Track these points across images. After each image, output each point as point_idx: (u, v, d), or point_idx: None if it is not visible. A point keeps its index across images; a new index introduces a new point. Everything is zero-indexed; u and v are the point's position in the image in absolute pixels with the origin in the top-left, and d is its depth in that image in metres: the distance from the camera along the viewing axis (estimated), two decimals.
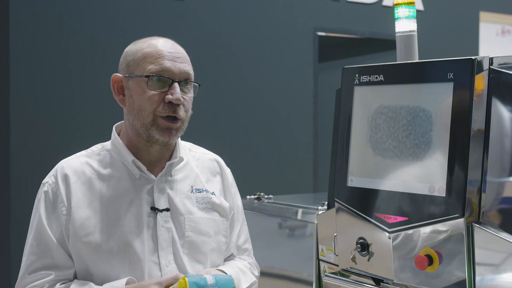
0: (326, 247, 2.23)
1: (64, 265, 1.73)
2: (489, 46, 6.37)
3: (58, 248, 1.72)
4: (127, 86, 1.78)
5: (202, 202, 1.85)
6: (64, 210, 1.73)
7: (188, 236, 1.80)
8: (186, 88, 1.78)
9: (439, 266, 1.82)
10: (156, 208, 1.77)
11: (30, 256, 1.74)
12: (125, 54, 1.82)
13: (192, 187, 1.85)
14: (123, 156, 1.79)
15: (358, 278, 2.05)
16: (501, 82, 1.78)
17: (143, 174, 1.79)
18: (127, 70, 1.79)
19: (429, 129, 1.86)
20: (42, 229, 1.74)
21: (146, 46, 1.78)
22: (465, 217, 1.76)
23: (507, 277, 1.73)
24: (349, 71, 2.10)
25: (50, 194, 1.76)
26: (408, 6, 2.15)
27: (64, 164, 1.79)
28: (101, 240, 1.71)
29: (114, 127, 1.88)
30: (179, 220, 1.80)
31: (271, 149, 4.91)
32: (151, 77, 1.73)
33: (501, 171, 1.79)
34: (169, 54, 1.77)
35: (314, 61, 5.22)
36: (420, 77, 1.93)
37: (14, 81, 4.02)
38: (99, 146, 1.86)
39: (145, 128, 1.74)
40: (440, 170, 1.82)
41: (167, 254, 1.76)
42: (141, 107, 1.74)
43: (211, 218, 1.85)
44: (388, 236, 1.93)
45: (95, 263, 1.71)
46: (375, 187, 1.98)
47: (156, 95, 1.73)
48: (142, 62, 1.75)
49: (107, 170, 1.79)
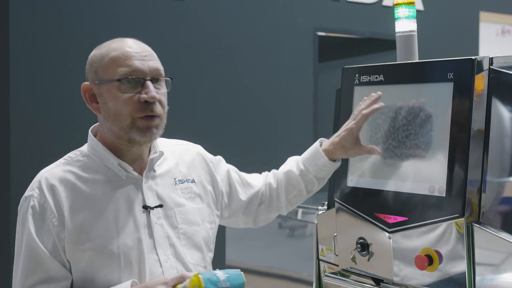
0: (326, 247, 2.23)
1: (60, 276, 1.71)
2: (489, 46, 6.37)
3: (51, 260, 1.70)
4: (99, 93, 1.75)
5: (186, 192, 1.86)
6: (56, 221, 1.70)
7: (182, 228, 1.81)
8: (158, 84, 1.76)
9: (439, 266, 1.82)
10: (148, 206, 1.77)
11: (24, 273, 1.72)
12: (90, 61, 1.79)
13: (175, 179, 1.86)
14: (106, 159, 1.77)
15: (358, 278, 2.05)
16: (501, 82, 1.78)
17: (129, 174, 1.78)
18: (96, 77, 1.76)
19: (429, 129, 1.86)
20: (33, 243, 1.71)
21: (112, 50, 1.75)
22: (465, 217, 1.76)
23: (507, 277, 1.73)
24: (349, 71, 2.10)
25: (37, 207, 1.71)
26: (408, 6, 2.15)
27: (47, 175, 1.75)
28: (101, 244, 1.70)
29: (90, 131, 1.85)
30: (170, 214, 1.80)
31: (271, 149, 4.90)
32: (122, 81, 1.71)
33: (501, 171, 1.79)
34: (136, 54, 1.74)
35: (314, 61, 5.22)
36: (420, 77, 1.93)
37: (14, 81, 4.02)
38: (76, 153, 1.82)
39: (124, 131, 1.73)
40: (440, 170, 1.82)
41: (165, 250, 1.76)
42: (117, 111, 1.72)
43: (196, 207, 1.87)
44: (388, 236, 1.93)
45: (96, 268, 1.70)
46: (375, 187, 1.98)
47: (131, 97, 1.71)
48: (110, 66, 1.73)
49: (91, 175, 1.76)
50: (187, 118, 4.52)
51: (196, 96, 4.58)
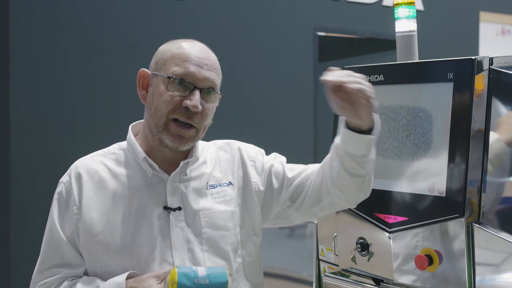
0: (326, 247, 2.23)
1: (75, 263, 1.74)
2: (489, 46, 6.37)
3: (68, 247, 1.74)
4: (151, 83, 1.75)
5: (218, 197, 1.81)
6: (76, 209, 1.73)
7: (206, 233, 1.76)
8: (208, 97, 1.73)
9: (439, 266, 1.82)
10: (169, 207, 1.75)
11: (43, 255, 1.77)
12: (157, 51, 1.79)
13: (207, 183, 1.81)
14: (136, 154, 1.77)
15: (358, 278, 2.05)
16: (501, 82, 1.78)
17: (156, 173, 1.76)
18: (154, 68, 1.75)
19: (429, 129, 1.86)
20: (54, 228, 1.75)
21: (177, 48, 1.74)
22: (465, 217, 1.76)
23: (507, 277, 1.73)
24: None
25: (64, 193, 1.76)
26: (408, 6, 2.15)
27: (79, 163, 1.79)
28: (111, 239, 1.71)
29: (131, 126, 1.85)
30: (194, 218, 1.76)
31: (271, 149, 4.90)
32: (173, 79, 1.70)
33: (501, 171, 1.79)
34: (197, 59, 1.72)
35: (314, 61, 5.22)
36: (420, 77, 1.93)
37: (14, 81, 4.02)
38: (116, 146, 1.84)
39: (157, 130, 1.72)
40: (440, 170, 1.82)
41: (181, 254, 1.73)
42: (157, 107, 1.71)
43: (228, 210, 1.80)
44: (388, 236, 1.93)
45: (105, 262, 1.71)
46: (375, 187, 1.98)
47: (174, 97, 1.69)
48: (168, 62, 1.72)
49: (121, 169, 1.77)
50: None
51: None
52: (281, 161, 1.91)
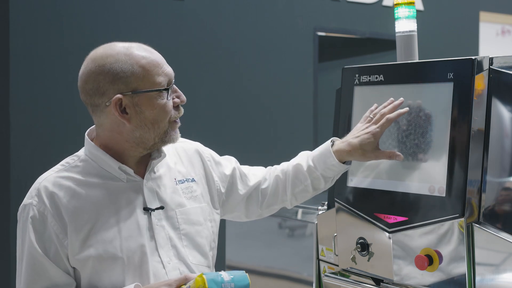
0: (326, 247, 2.23)
1: (63, 282, 1.70)
2: (489, 46, 6.38)
3: (54, 268, 1.69)
4: (133, 103, 1.70)
5: (187, 192, 1.86)
6: (58, 229, 1.68)
7: (183, 229, 1.80)
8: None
9: (439, 266, 1.82)
10: (149, 208, 1.77)
11: (28, 282, 1.70)
12: (111, 72, 1.69)
13: (175, 179, 1.85)
14: (105, 164, 1.75)
15: (358, 278, 2.05)
16: (501, 82, 1.78)
17: (130, 177, 1.77)
18: (127, 88, 1.69)
19: (429, 129, 1.86)
20: (35, 252, 1.69)
21: (137, 58, 1.70)
22: (465, 217, 1.76)
23: (507, 277, 1.73)
24: (349, 71, 2.10)
25: (37, 215, 1.69)
26: (408, 6, 2.15)
27: (45, 183, 1.72)
28: (104, 249, 1.70)
29: (86, 135, 1.81)
30: (171, 215, 1.79)
31: (271, 149, 4.91)
32: (166, 88, 1.72)
33: (501, 171, 1.79)
34: (160, 58, 1.74)
35: (314, 61, 5.22)
36: (420, 77, 1.93)
37: (14, 81, 4.02)
38: (74, 158, 1.79)
39: (159, 138, 1.74)
40: (440, 170, 1.82)
41: (167, 252, 1.76)
42: (156, 119, 1.71)
43: (198, 207, 1.86)
44: (388, 236, 1.93)
45: (100, 273, 1.70)
46: (375, 187, 1.98)
47: (169, 103, 1.74)
48: (146, 75, 1.69)
49: (90, 179, 1.74)
50: (187, 118, 4.49)
51: (196, 96, 4.57)
52: (236, 166, 2.05)
